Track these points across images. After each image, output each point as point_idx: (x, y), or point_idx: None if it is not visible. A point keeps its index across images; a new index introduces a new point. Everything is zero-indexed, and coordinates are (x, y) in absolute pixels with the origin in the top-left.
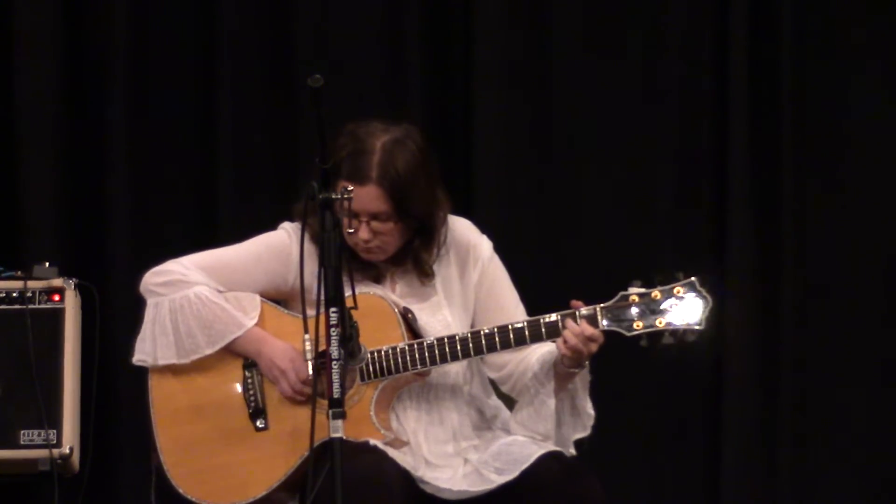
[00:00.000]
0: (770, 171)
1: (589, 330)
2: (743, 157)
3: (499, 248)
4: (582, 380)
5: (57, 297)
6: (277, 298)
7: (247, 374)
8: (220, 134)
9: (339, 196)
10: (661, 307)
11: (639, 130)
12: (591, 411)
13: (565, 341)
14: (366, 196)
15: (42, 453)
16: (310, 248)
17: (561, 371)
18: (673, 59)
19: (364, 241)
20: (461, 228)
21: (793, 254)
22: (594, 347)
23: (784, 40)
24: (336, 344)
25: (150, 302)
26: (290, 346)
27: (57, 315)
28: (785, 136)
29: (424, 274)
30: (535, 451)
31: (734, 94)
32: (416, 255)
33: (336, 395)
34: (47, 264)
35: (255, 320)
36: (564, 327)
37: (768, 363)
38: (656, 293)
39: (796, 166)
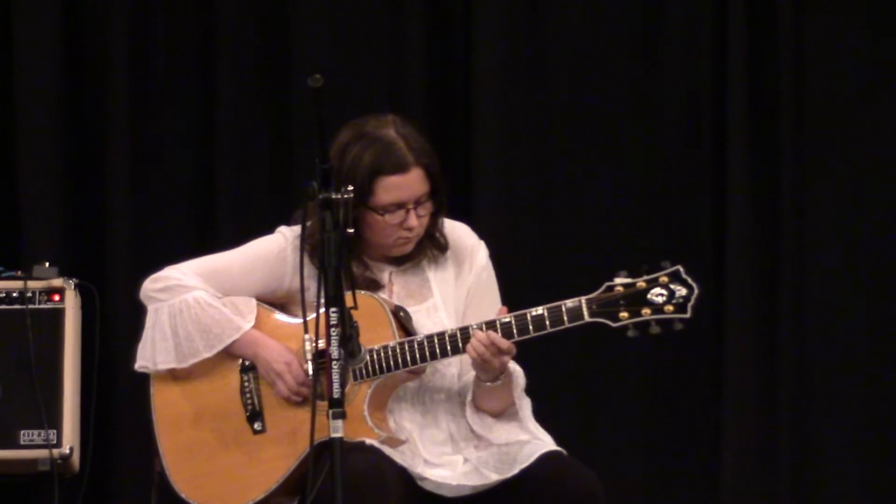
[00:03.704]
0: (769, 165)
1: (502, 343)
2: (743, 158)
3: (497, 248)
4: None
5: (57, 297)
6: (273, 302)
7: (243, 377)
8: (219, 135)
9: (340, 195)
10: (647, 297)
11: (638, 130)
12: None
13: (474, 350)
14: (412, 181)
15: (42, 453)
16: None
17: (479, 384)
18: (672, 61)
19: (409, 231)
20: (460, 232)
21: (792, 252)
22: (506, 360)
23: (783, 39)
24: (336, 344)
25: (151, 308)
26: (286, 348)
27: (57, 315)
28: (784, 132)
29: (440, 247)
30: (535, 451)
31: (733, 95)
32: (429, 231)
33: (336, 396)
34: (47, 264)
35: (251, 323)
36: (554, 323)
37: (768, 362)
38: (641, 283)
39: (795, 158)
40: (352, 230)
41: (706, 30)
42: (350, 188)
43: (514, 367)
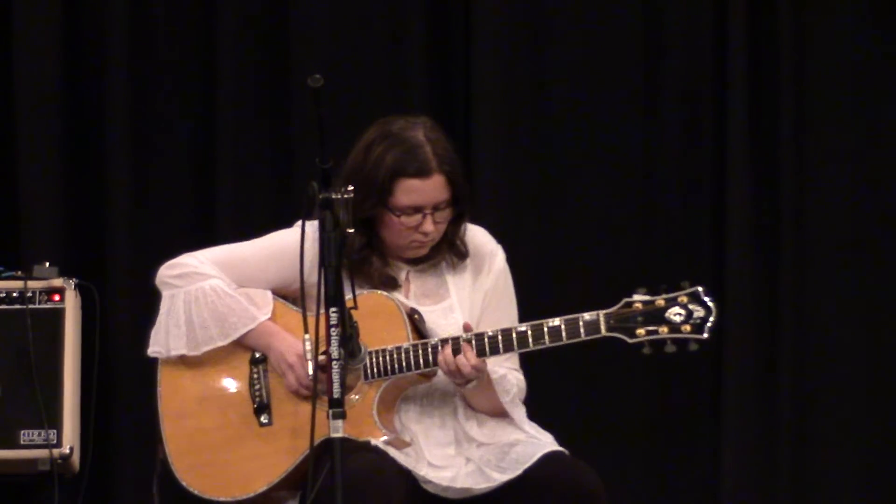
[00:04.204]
0: (769, 165)
1: (474, 360)
2: (743, 160)
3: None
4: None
5: (57, 297)
6: (289, 296)
7: (253, 369)
8: (220, 134)
9: (340, 195)
10: (665, 315)
11: (638, 133)
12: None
13: (445, 364)
14: (432, 187)
15: (42, 453)
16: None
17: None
18: (672, 61)
19: (424, 235)
20: (479, 236)
21: (792, 252)
22: (474, 375)
23: (783, 39)
24: (336, 344)
25: (166, 294)
26: (299, 341)
27: (57, 315)
28: (784, 132)
29: (460, 255)
30: (537, 451)
31: (733, 95)
32: (450, 238)
33: (336, 395)
34: (47, 264)
35: (268, 315)
36: (571, 335)
37: (768, 363)
38: (660, 301)
39: (795, 158)
40: (351, 230)
41: (706, 30)
42: (350, 188)
43: (505, 375)
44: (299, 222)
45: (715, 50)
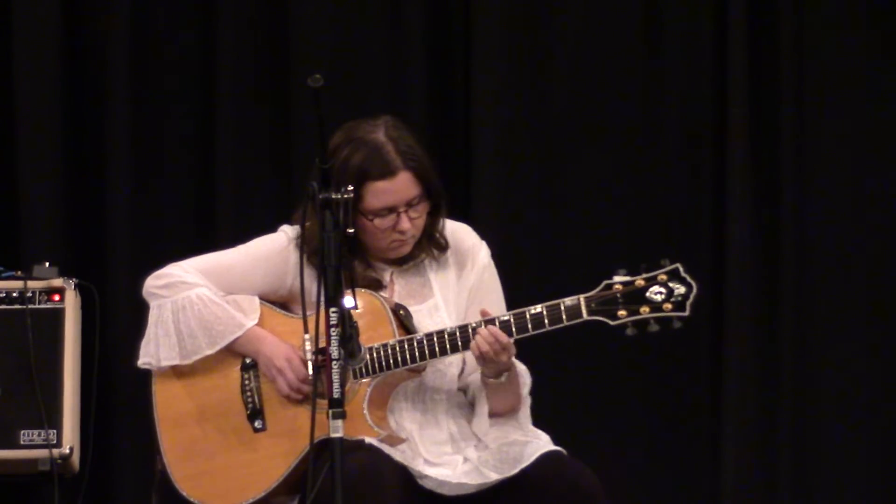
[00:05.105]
0: (769, 165)
1: (503, 338)
2: (743, 158)
3: (497, 247)
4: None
5: (57, 297)
6: (276, 301)
7: (244, 375)
8: (220, 134)
9: (340, 195)
10: (646, 295)
11: (639, 130)
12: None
13: (478, 348)
14: (401, 185)
15: (42, 453)
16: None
17: (485, 381)
18: (673, 62)
19: (402, 233)
20: (461, 233)
21: (792, 252)
22: (504, 357)
23: (783, 37)
24: (336, 344)
25: (153, 305)
26: (287, 345)
27: (57, 315)
28: (784, 132)
29: (440, 247)
30: (535, 451)
31: (734, 95)
32: (429, 232)
33: (336, 396)
34: (47, 264)
35: (255, 321)
36: (553, 322)
37: (768, 363)
38: (640, 281)
39: (795, 158)
40: (352, 230)
41: (707, 30)
42: (350, 188)
43: (521, 367)
44: (282, 227)
45: (715, 50)
